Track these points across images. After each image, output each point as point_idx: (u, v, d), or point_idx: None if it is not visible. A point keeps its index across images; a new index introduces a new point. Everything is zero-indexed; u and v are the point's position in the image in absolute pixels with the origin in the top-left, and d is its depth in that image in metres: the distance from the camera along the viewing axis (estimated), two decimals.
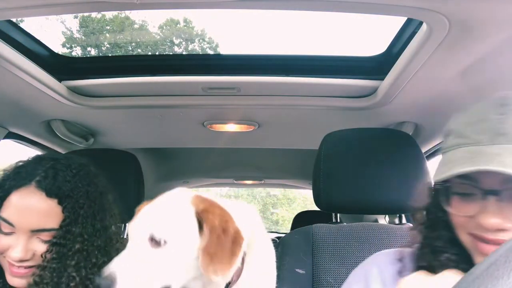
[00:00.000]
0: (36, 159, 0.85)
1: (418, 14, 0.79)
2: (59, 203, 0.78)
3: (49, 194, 0.78)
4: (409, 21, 1.03)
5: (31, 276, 0.76)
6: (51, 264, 0.75)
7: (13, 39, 1.07)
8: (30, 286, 0.76)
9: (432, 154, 1.68)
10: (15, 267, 0.76)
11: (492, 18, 0.76)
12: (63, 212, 0.78)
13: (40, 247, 0.76)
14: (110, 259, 0.75)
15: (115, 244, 0.84)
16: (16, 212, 0.76)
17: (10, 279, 0.77)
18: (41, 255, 0.76)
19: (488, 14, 0.75)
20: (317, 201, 1.13)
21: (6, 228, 0.76)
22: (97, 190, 0.85)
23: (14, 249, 0.74)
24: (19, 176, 0.80)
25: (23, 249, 0.75)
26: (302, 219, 3.04)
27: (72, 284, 0.75)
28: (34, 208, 0.76)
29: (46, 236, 0.77)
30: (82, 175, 0.84)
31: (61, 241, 0.76)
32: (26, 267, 0.77)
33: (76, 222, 0.78)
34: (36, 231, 0.76)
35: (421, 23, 0.87)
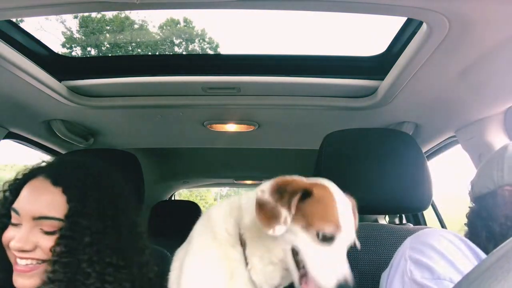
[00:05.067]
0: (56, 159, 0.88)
1: (418, 14, 0.79)
2: (64, 192, 0.77)
3: (55, 182, 0.78)
4: (409, 21, 1.03)
5: (40, 275, 0.74)
6: (62, 258, 0.73)
7: (13, 39, 1.07)
8: (45, 284, 0.73)
9: (432, 154, 1.68)
10: (19, 264, 0.74)
11: (492, 18, 0.77)
12: (68, 203, 0.76)
13: (42, 240, 0.74)
14: (126, 260, 0.76)
15: (134, 246, 0.81)
16: (22, 200, 0.77)
17: (16, 280, 0.75)
18: (50, 249, 0.74)
19: (488, 14, 0.75)
20: None
21: (14, 218, 0.76)
22: (110, 188, 0.83)
23: (18, 239, 0.73)
24: (32, 169, 0.82)
25: (23, 238, 0.73)
26: None
27: (88, 282, 0.72)
28: (38, 195, 0.76)
29: (48, 226, 0.75)
30: (94, 172, 0.83)
31: (68, 233, 0.74)
32: (30, 264, 0.74)
33: (82, 214, 0.75)
34: (38, 219, 0.75)
35: (421, 23, 0.87)
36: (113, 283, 0.74)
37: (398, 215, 1.27)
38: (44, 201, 0.76)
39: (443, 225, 2.04)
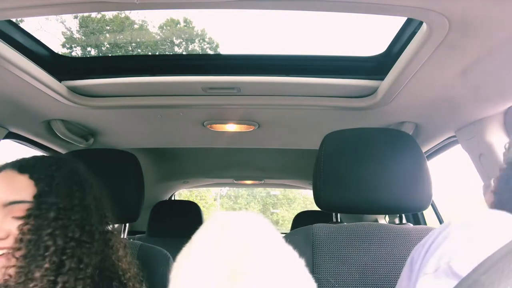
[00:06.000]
0: None
1: (418, 14, 0.79)
2: (31, 177, 0.80)
3: (21, 170, 0.80)
4: (409, 21, 1.03)
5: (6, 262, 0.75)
6: (26, 235, 0.75)
7: (13, 39, 1.07)
8: (8, 260, 0.74)
9: (432, 154, 1.68)
10: None
11: (492, 18, 0.77)
12: (35, 186, 0.79)
13: (14, 226, 0.76)
14: (91, 238, 0.80)
15: (99, 228, 0.84)
16: None
17: None
18: (17, 227, 0.75)
19: (488, 14, 0.75)
20: (317, 201, 1.13)
21: None
22: (75, 172, 0.86)
23: None
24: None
25: None
26: (302, 219, 3.04)
27: (46, 254, 0.74)
28: (6, 184, 0.79)
29: (19, 211, 0.76)
30: (58, 159, 0.87)
31: (36, 212, 0.76)
32: (6, 253, 0.74)
33: (50, 193, 0.78)
34: (8, 205, 0.76)
35: (421, 23, 0.87)
36: (73, 257, 0.76)
37: (398, 215, 1.27)
38: (13, 188, 0.78)
39: None
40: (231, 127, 1.65)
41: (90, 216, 0.83)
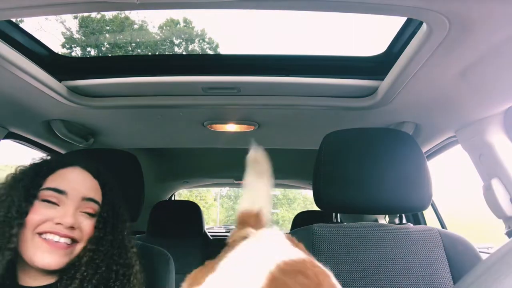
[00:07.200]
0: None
1: (418, 14, 0.79)
2: (100, 184, 0.92)
3: (95, 175, 0.92)
4: (409, 21, 1.03)
5: (69, 255, 0.82)
6: (107, 236, 0.86)
7: (13, 39, 1.07)
8: (87, 252, 0.83)
9: (432, 154, 1.68)
10: (54, 242, 0.80)
11: (492, 18, 0.77)
12: (103, 195, 0.91)
13: (84, 221, 0.85)
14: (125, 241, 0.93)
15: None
16: (67, 182, 0.86)
17: (43, 258, 0.79)
18: (88, 223, 0.85)
19: (488, 14, 0.75)
20: (317, 201, 1.13)
21: (53, 198, 0.83)
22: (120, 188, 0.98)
23: (64, 216, 0.81)
24: (64, 158, 0.95)
25: (72, 215, 0.82)
26: (302, 219, 3.04)
27: (102, 249, 0.84)
28: (84, 180, 0.89)
29: (91, 208, 0.87)
30: (110, 175, 0.97)
31: (110, 219, 0.88)
32: (68, 242, 0.81)
33: (116, 205, 0.92)
34: (87, 200, 0.86)
35: (421, 23, 0.87)
36: (120, 259, 0.88)
37: (398, 215, 1.27)
38: (92, 186, 0.89)
39: (443, 225, 2.04)
40: (231, 127, 1.65)
41: (125, 225, 0.95)
